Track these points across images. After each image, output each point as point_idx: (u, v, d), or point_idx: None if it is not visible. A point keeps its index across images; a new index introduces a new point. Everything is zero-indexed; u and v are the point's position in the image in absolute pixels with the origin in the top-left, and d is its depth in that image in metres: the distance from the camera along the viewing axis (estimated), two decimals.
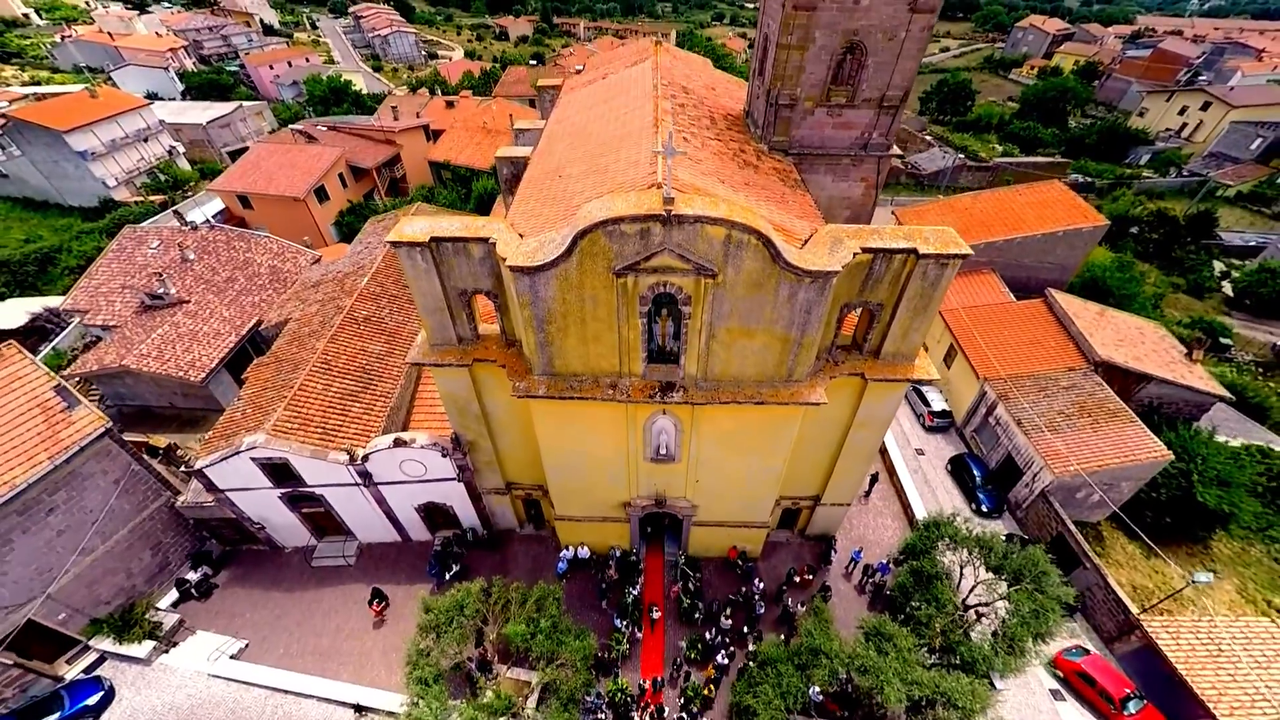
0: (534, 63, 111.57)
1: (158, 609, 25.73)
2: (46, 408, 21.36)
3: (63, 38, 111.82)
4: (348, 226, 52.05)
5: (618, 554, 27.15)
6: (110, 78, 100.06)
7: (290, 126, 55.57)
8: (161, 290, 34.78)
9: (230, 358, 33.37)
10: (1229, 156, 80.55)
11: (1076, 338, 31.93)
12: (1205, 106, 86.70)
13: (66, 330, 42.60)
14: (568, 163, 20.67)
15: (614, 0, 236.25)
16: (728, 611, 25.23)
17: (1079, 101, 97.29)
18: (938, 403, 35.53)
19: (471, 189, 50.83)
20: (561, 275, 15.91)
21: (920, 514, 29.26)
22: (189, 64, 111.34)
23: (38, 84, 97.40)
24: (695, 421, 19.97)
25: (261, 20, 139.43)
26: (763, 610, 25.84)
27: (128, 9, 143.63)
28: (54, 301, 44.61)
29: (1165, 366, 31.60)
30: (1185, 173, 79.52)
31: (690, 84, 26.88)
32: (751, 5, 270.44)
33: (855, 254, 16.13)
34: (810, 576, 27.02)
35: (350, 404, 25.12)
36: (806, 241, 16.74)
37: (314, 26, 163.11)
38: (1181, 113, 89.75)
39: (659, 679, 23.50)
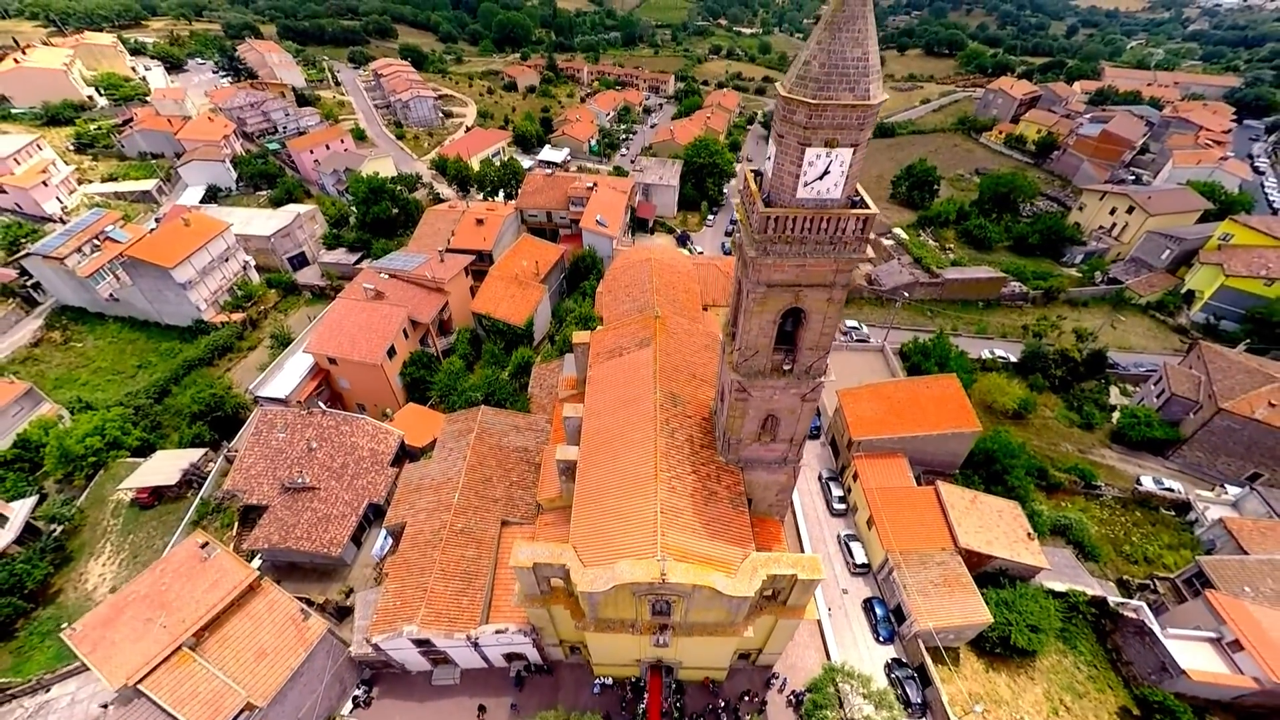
0: (545, 153, 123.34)
1: (343, 716, 40.67)
2: (295, 620, 35.97)
3: (125, 122, 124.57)
4: (410, 376, 66.13)
5: (632, 680, 42.06)
6: (176, 170, 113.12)
7: (364, 284, 68.77)
8: (300, 479, 49.29)
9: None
10: (1145, 263, 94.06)
11: (951, 525, 46.32)
12: (1130, 210, 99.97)
13: (205, 483, 56.51)
14: (604, 490, 34.90)
15: (615, 30, 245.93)
16: (702, 719, 40.33)
17: (1027, 195, 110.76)
18: (860, 556, 50.09)
19: (512, 355, 64.80)
20: (605, 594, 30.34)
21: (835, 652, 44.09)
22: (238, 147, 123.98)
23: (114, 178, 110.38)
24: (679, 634, 34.56)
25: (294, 88, 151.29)
26: (724, 718, 40.76)
27: (168, 75, 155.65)
28: (194, 455, 58.53)
29: (1009, 546, 46.05)
30: (1107, 278, 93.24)
31: (679, 385, 40.63)
32: (749, 32, 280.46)
33: (764, 578, 30.60)
34: (755, 698, 41.85)
35: (461, 598, 39.72)
36: (739, 568, 31.11)
37: (337, 83, 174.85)
38: (1112, 213, 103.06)
39: None
